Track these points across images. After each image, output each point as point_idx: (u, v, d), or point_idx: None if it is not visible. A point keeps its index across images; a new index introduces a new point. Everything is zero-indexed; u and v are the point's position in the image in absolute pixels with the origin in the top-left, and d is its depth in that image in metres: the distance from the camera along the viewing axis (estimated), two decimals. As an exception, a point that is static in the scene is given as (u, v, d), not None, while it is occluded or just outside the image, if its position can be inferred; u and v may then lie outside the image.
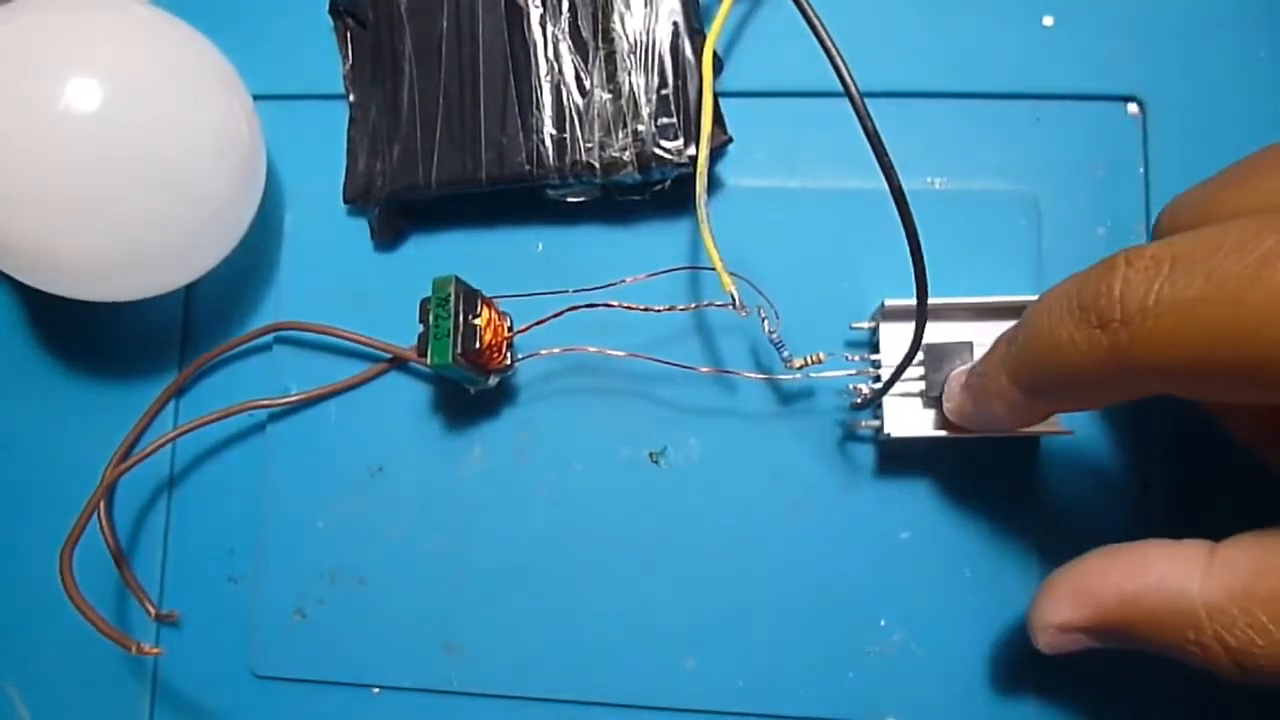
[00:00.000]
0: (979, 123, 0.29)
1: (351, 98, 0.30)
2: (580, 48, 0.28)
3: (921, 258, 0.21)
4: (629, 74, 0.28)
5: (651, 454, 0.28)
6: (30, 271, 0.26)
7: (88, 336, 0.31)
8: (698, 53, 0.27)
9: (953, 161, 0.29)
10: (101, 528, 0.29)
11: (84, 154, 0.24)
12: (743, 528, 0.28)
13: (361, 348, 0.30)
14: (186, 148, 0.26)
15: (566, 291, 0.27)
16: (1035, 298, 0.26)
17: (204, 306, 0.31)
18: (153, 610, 0.29)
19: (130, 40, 0.26)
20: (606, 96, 0.28)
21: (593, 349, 0.27)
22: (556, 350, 0.27)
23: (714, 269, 0.25)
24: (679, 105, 0.27)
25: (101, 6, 0.26)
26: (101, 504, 0.28)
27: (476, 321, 0.26)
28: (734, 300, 0.25)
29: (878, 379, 0.26)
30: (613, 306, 0.26)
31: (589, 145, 0.27)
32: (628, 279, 0.26)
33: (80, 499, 0.28)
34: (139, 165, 0.25)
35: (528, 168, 0.28)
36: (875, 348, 0.26)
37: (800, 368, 0.26)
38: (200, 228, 0.27)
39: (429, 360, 0.25)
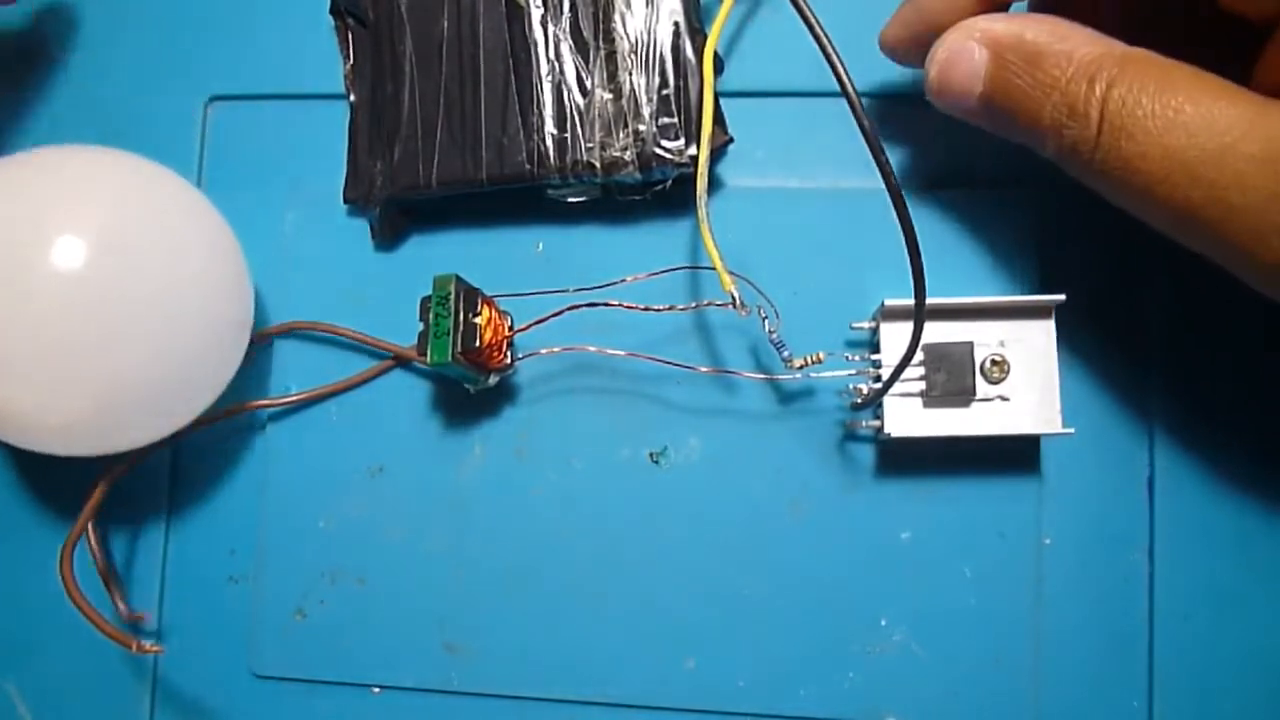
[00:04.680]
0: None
1: (351, 98, 0.30)
2: (581, 47, 0.28)
3: (920, 258, 0.21)
4: (630, 74, 0.28)
5: (651, 454, 0.28)
6: (24, 440, 0.26)
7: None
8: (698, 53, 0.27)
9: (952, 162, 0.29)
10: (88, 533, 0.28)
11: (67, 318, 0.23)
12: (743, 528, 0.28)
13: (362, 347, 0.30)
14: (174, 307, 0.25)
15: (566, 291, 0.27)
16: (1034, 298, 0.26)
17: (204, 306, 0.31)
18: (124, 610, 0.29)
19: (114, 198, 0.25)
20: (607, 96, 0.28)
21: (593, 348, 0.27)
22: (556, 349, 0.27)
23: (714, 269, 0.25)
24: (680, 105, 0.27)
25: (83, 162, 0.25)
26: (99, 504, 0.28)
27: (477, 320, 0.26)
28: (734, 300, 0.25)
29: (878, 379, 0.26)
30: (613, 306, 0.26)
31: (590, 145, 0.27)
32: (628, 278, 0.26)
33: (80, 498, 0.28)
34: (126, 328, 0.24)
35: (528, 167, 0.28)
36: (875, 348, 0.26)
37: (800, 368, 0.26)
38: (192, 381, 0.26)
39: (429, 358, 0.25)
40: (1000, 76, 0.23)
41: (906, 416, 0.26)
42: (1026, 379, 0.26)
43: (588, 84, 0.28)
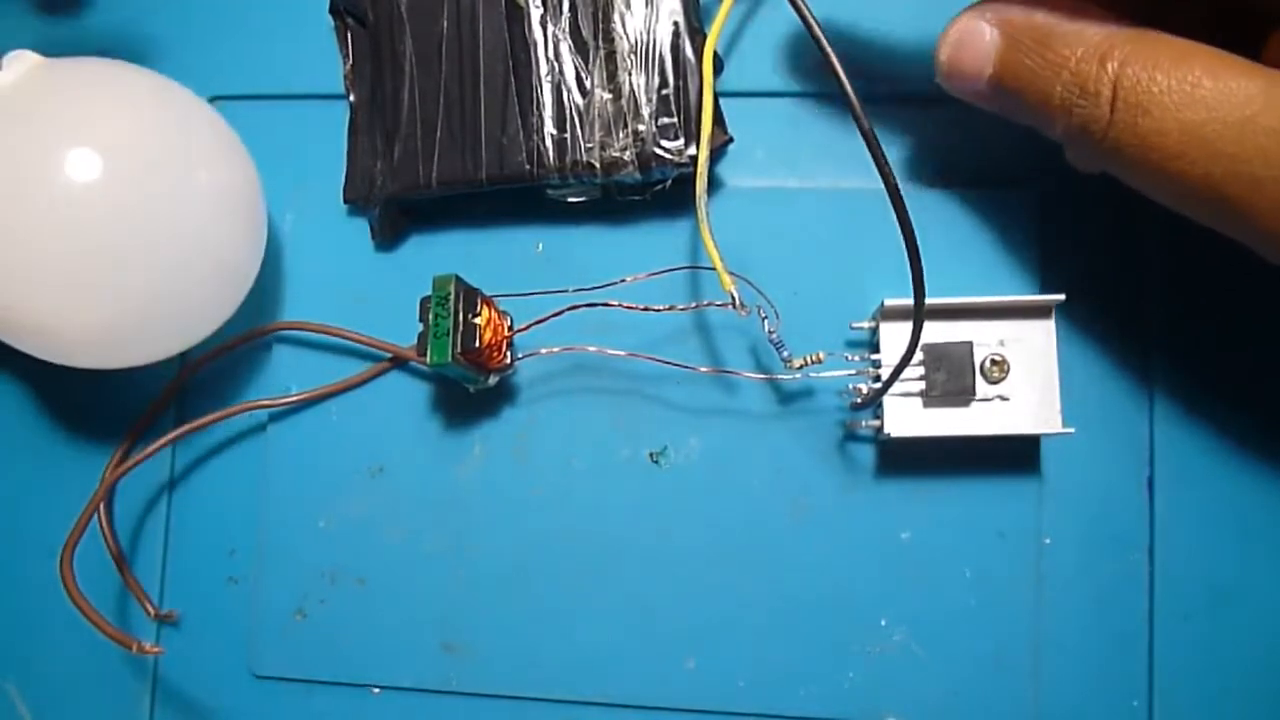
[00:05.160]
0: (979, 124, 0.29)
1: (351, 98, 0.30)
2: (581, 47, 0.28)
3: (919, 258, 0.21)
4: (629, 74, 0.28)
5: (651, 454, 0.28)
6: (30, 345, 0.26)
7: (88, 336, 0.31)
8: (698, 53, 0.27)
9: (953, 162, 0.29)
10: (102, 528, 0.29)
11: (84, 228, 0.24)
12: (743, 528, 0.28)
13: (361, 347, 0.30)
14: (188, 219, 0.25)
15: (566, 291, 0.27)
16: (1034, 298, 0.26)
17: (204, 306, 0.31)
18: (152, 610, 0.29)
19: (130, 112, 0.25)
20: (607, 96, 0.28)
21: (593, 349, 0.27)
22: (556, 350, 0.27)
23: (714, 269, 0.25)
24: (679, 105, 0.27)
25: (100, 78, 0.26)
26: (101, 505, 0.28)
27: (476, 320, 0.26)
28: (734, 300, 0.25)
29: (878, 379, 0.26)
30: (613, 306, 0.26)
31: (589, 145, 0.27)
32: (628, 279, 0.26)
33: (81, 499, 0.28)
34: (140, 239, 0.24)
35: (528, 168, 0.28)
36: (875, 348, 0.26)
37: (800, 368, 0.26)
38: (203, 298, 0.27)
39: (428, 359, 0.25)
40: (1011, 57, 0.23)
41: (906, 416, 0.26)
42: (1026, 379, 0.26)
43: (587, 84, 0.28)
